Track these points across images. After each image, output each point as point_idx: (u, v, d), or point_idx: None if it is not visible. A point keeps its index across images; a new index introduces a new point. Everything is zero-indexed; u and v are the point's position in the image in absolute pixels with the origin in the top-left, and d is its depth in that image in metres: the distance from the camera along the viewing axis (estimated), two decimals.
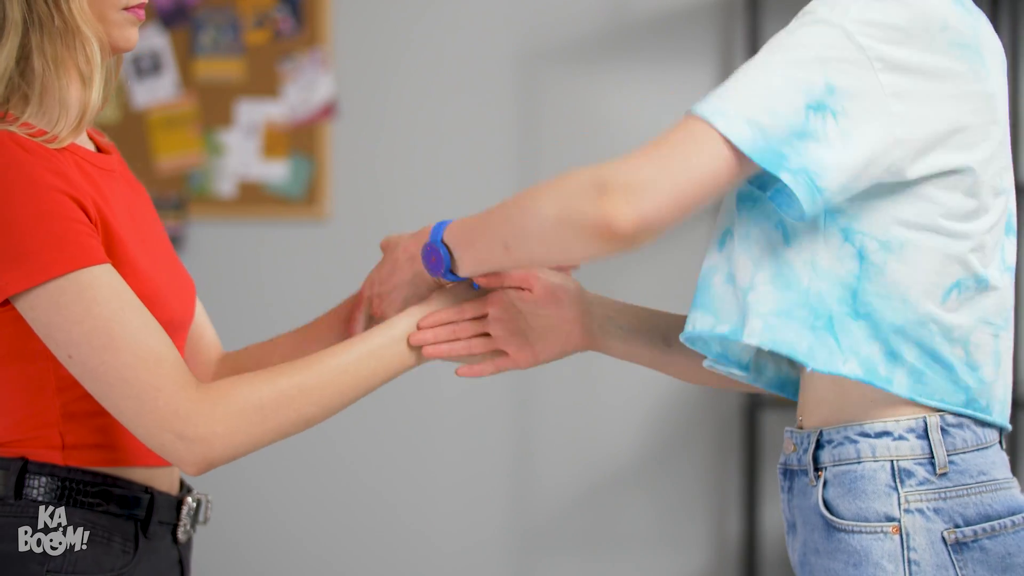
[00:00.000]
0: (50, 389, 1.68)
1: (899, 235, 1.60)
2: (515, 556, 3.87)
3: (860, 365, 1.61)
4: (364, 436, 3.87)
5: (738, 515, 3.81)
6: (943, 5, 1.60)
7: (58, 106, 1.69)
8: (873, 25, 1.55)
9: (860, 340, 1.61)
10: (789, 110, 1.54)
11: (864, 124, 1.55)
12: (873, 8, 1.56)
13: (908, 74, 1.56)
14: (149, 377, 1.62)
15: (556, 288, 1.85)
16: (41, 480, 1.68)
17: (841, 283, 1.61)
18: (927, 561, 1.60)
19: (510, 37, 3.84)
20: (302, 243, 3.89)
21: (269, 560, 3.91)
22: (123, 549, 1.72)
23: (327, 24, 3.86)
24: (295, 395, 1.70)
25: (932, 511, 1.60)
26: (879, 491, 1.61)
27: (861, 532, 1.61)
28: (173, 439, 1.64)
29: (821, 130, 1.54)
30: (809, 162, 1.54)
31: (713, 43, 3.81)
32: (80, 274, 1.61)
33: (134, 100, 3.89)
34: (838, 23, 1.56)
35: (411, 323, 1.81)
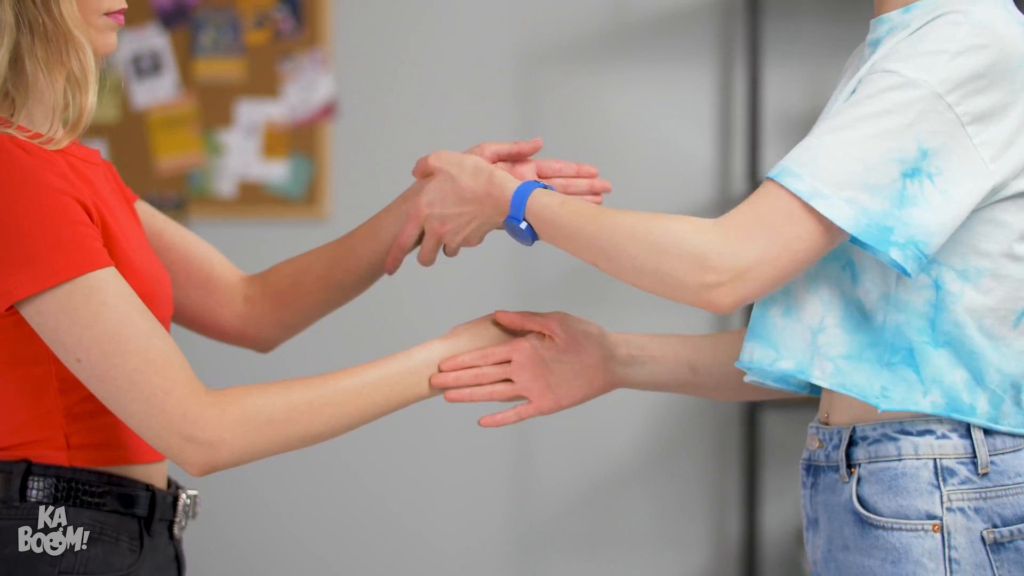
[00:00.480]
0: (52, 391, 1.68)
1: (976, 264, 1.62)
2: (515, 556, 3.87)
3: (943, 395, 1.62)
4: (364, 435, 3.87)
5: (738, 515, 3.81)
6: (1018, 39, 1.60)
7: (51, 110, 1.69)
8: (960, 83, 1.56)
9: (943, 368, 1.63)
10: (887, 182, 1.54)
11: (960, 180, 1.56)
12: (958, 64, 1.56)
13: (995, 120, 1.57)
14: (159, 380, 1.63)
15: (579, 335, 1.85)
16: (46, 482, 1.68)
17: (919, 314, 1.62)
18: (967, 560, 1.61)
19: (510, 37, 3.84)
20: (302, 243, 3.86)
21: (269, 560, 3.91)
22: (130, 548, 1.73)
23: (327, 24, 3.86)
24: (305, 411, 1.71)
25: (973, 510, 1.62)
26: (921, 489, 1.63)
27: (901, 529, 1.62)
28: (181, 441, 1.64)
29: (920, 195, 1.55)
30: (915, 231, 1.55)
31: (713, 43, 3.81)
32: (88, 278, 1.61)
33: (134, 100, 3.89)
34: (925, 85, 1.55)
35: (430, 356, 1.81)
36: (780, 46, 3.76)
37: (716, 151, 3.82)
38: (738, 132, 3.79)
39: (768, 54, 3.73)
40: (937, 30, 1.58)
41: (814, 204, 1.54)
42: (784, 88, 3.76)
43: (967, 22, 1.57)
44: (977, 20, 1.58)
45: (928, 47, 1.57)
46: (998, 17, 1.60)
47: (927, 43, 1.57)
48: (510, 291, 3.81)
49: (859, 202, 1.54)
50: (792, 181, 1.56)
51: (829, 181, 1.55)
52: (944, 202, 1.56)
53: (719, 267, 1.56)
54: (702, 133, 3.81)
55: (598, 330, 1.87)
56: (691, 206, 3.81)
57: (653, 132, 3.82)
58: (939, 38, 1.57)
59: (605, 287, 3.55)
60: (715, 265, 1.56)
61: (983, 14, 1.59)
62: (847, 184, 1.54)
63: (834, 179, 1.55)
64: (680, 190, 3.82)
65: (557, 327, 1.84)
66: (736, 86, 3.80)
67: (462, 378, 1.82)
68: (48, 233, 1.60)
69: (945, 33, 1.57)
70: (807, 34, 3.79)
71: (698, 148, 3.82)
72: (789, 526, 3.81)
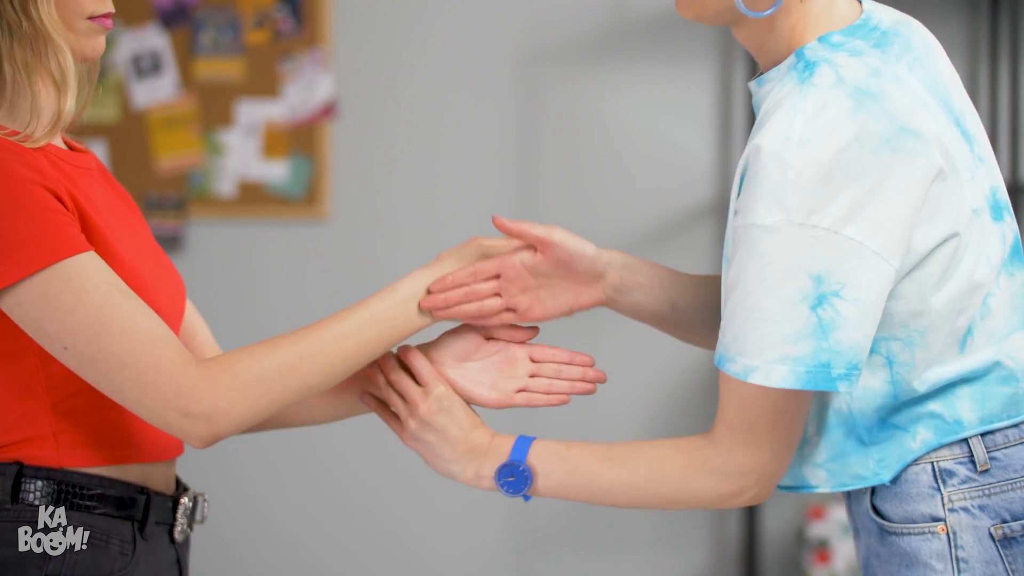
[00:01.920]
0: (40, 388, 1.67)
1: (915, 325, 1.62)
2: (515, 556, 3.87)
3: (927, 428, 1.64)
4: (363, 435, 3.87)
5: (738, 515, 3.81)
6: (845, 122, 1.57)
7: (30, 110, 1.68)
8: (810, 201, 1.54)
9: (916, 411, 1.65)
10: (802, 324, 1.56)
11: (864, 281, 1.56)
12: (797, 186, 1.55)
13: (865, 210, 1.56)
14: (148, 358, 1.62)
15: (571, 255, 1.82)
16: (37, 484, 1.68)
17: (880, 394, 1.65)
18: (975, 558, 1.63)
19: (510, 37, 3.84)
20: (302, 243, 3.89)
21: (269, 561, 3.91)
22: (121, 551, 1.71)
23: (327, 24, 3.86)
24: (296, 363, 1.69)
25: (977, 508, 1.63)
26: (923, 493, 1.65)
27: (910, 534, 1.65)
28: (178, 416, 1.63)
29: (836, 316, 1.56)
30: (848, 355, 1.57)
31: (713, 43, 3.81)
32: (66, 264, 1.60)
33: (134, 100, 3.89)
34: (782, 223, 1.55)
35: (416, 285, 1.79)
36: None
37: (716, 151, 3.82)
38: (738, 132, 3.79)
39: None
40: (767, 167, 1.56)
41: (752, 380, 1.58)
42: None
43: (791, 144, 1.55)
44: (800, 137, 1.55)
45: (764, 185, 1.56)
46: (822, 117, 1.56)
47: (763, 182, 1.56)
48: None
49: (788, 356, 1.57)
50: (729, 366, 1.60)
51: (754, 351, 1.58)
52: (860, 311, 1.56)
53: (748, 485, 1.66)
54: (702, 133, 3.81)
55: (593, 250, 1.84)
56: (691, 206, 3.81)
57: (653, 132, 3.82)
58: (773, 174, 1.55)
59: None
60: (743, 486, 1.66)
61: (803, 128, 1.56)
62: (770, 346, 1.57)
63: (757, 347, 1.58)
64: (680, 190, 3.82)
65: (550, 245, 1.81)
66: (736, 86, 3.80)
67: (451, 298, 1.80)
68: (21, 223, 1.59)
69: (774, 166, 1.55)
70: None
71: (698, 148, 3.82)
72: (789, 526, 3.81)
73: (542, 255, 1.82)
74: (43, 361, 1.67)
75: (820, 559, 3.57)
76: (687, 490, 1.67)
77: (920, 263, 1.60)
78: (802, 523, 3.68)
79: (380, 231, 3.84)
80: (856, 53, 1.62)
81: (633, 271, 1.86)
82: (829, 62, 1.61)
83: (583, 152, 3.82)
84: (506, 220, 1.81)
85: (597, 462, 1.71)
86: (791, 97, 1.59)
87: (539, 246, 1.81)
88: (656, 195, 3.80)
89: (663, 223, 3.79)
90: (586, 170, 3.83)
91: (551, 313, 1.85)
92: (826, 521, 3.59)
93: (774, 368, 1.57)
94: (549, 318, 1.86)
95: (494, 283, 1.82)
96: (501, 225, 1.81)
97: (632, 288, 1.86)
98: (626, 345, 3.77)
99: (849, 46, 1.63)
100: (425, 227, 3.81)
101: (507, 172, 3.85)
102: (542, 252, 1.82)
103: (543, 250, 1.82)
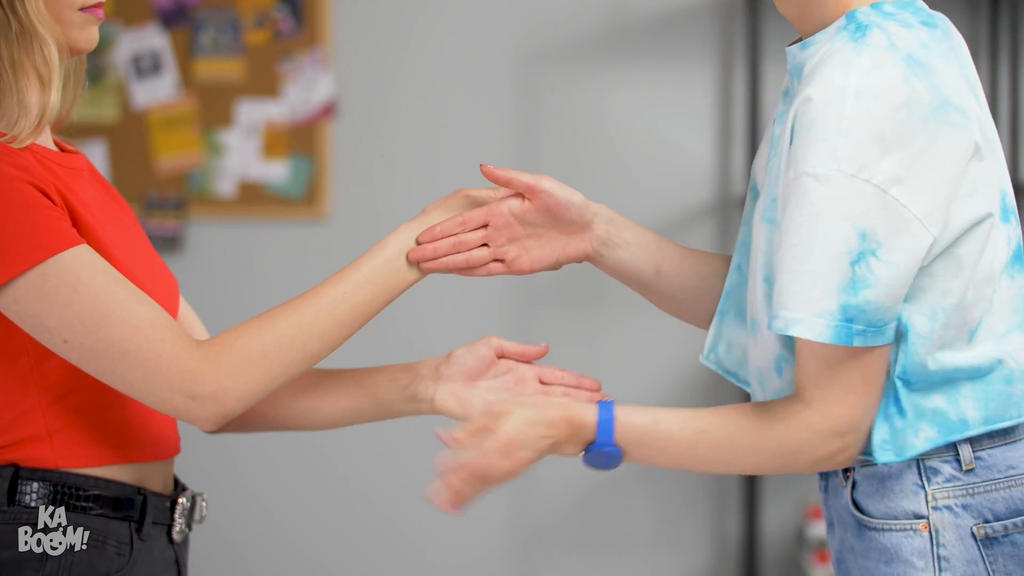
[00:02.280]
0: (35, 388, 1.67)
1: (943, 302, 1.63)
2: (515, 556, 3.87)
3: (931, 425, 1.64)
4: (363, 434, 3.87)
5: (738, 515, 3.81)
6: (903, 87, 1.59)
7: (17, 108, 1.67)
8: (864, 154, 1.56)
9: (922, 402, 1.65)
10: (839, 277, 1.56)
11: (902, 245, 1.57)
12: (853, 137, 1.56)
13: (908, 176, 1.57)
14: (149, 344, 1.62)
15: (559, 203, 1.81)
16: (33, 485, 1.68)
17: (892, 361, 1.64)
18: (957, 557, 1.63)
19: (510, 37, 3.84)
20: (302, 243, 3.89)
21: (268, 560, 3.91)
22: (118, 552, 1.71)
23: (327, 24, 3.86)
24: (296, 334, 1.69)
25: (960, 507, 1.63)
26: (906, 490, 1.65)
27: (891, 530, 1.65)
28: (184, 400, 1.64)
29: (869, 275, 1.56)
30: (871, 314, 1.57)
31: (713, 43, 3.81)
32: (60, 257, 1.60)
33: (134, 100, 3.89)
34: (834, 173, 1.56)
35: (405, 239, 1.78)
36: (780, 46, 3.75)
37: (716, 151, 3.82)
38: (738, 132, 3.79)
39: (768, 54, 3.73)
40: (821, 115, 1.57)
41: (793, 332, 1.58)
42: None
43: (847, 95, 1.56)
44: (855, 88, 1.57)
45: (819, 135, 1.56)
46: (876, 74, 1.58)
47: (817, 131, 1.56)
48: (510, 289, 3.81)
49: (829, 310, 1.57)
50: (774, 323, 1.60)
51: (796, 304, 1.58)
52: (892, 274, 1.57)
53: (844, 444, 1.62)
54: (702, 133, 3.81)
55: (580, 200, 1.83)
56: (691, 206, 3.81)
57: (653, 132, 3.82)
58: (826, 123, 1.56)
59: (603, 286, 3.55)
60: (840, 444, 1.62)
61: (858, 81, 1.57)
62: (815, 298, 1.57)
63: (800, 299, 1.58)
64: (680, 190, 3.82)
65: (539, 192, 1.80)
66: (736, 86, 3.80)
67: (440, 248, 1.79)
68: (11, 221, 1.59)
69: (829, 115, 1.56)
70: None
71: (698, 148, 3.82)
72: (789, 526, 3.81)
73: (530, 203, 1.81)
74: (38, 360, 1.66)
75: (820, 559, 3.57)
76: (785, 459, 1.64)
77: (957, 240, 1.61)
78: (802, 523, 3.68)
79: (380, 231, 3.82)
80: (906, 25, 1.64)
81: (619, 227, 1.85)
82: (881, 27, 1.62)
83: (583, 152, 3.82)
84: (494, 167, 1.80)
85: (690, 436, 1.66)
86: (843, 52, 1.60)
87: (527, 193, 1.80)
88: (656, 195, 3.80)
89: (663, 223, 3.78)
90: (586, 170, 3.83)
91: (538, 264, 1.84)
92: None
93: (816, 321, 1.57)
94: (536, 270, 1.84)
95: (482, 233, 1.81)
96: (489, 172, 1.80)
97: (618, 244, 1.84)
98: (627, 345, 3.78)
99: (900, 17, 1.64)
100: None
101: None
102: (530, 199, 1.81)
103: (531, 197, 1.81)
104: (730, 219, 3.80)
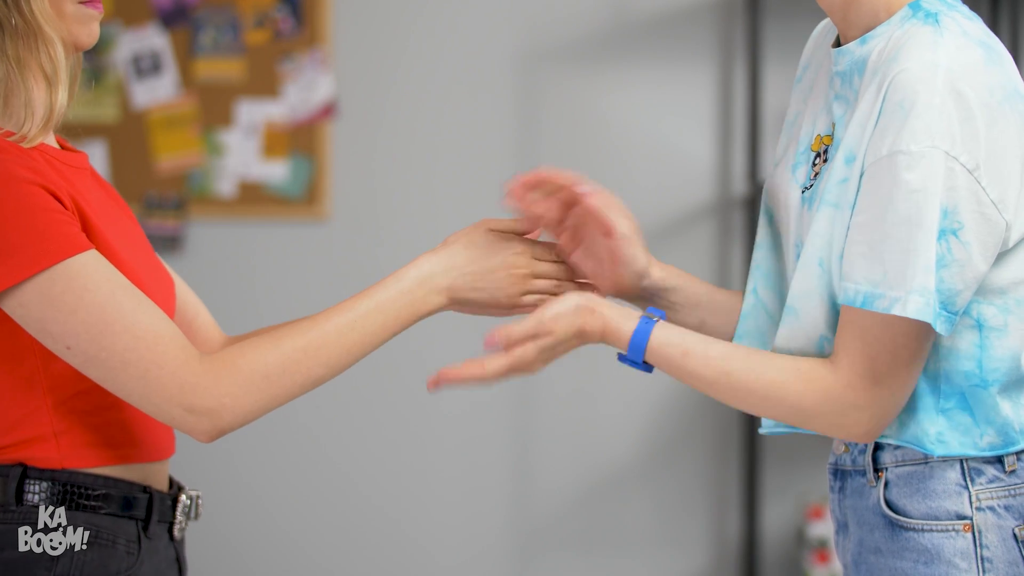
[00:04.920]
0: (41, 388, 1.67)
1: (1015, 294, 1.63)
2: (515, 556, 3.87)
3: (997, 434, 1.64)
4: (362, 434, 3.87)
5: (738, 515, 3.81)
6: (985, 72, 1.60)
7: (24, 107, 1.67)
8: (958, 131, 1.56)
9: (994, 406, 1.64)
10: (930, 255, 1.56)
11: (980, 229, 1.57)
12: (947, 115, 1.56)
13: (995, 160, 1.57)
14: (151, 355, 1.62)
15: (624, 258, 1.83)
16: (41, 485, 1.68)
17: (967, 356, 1.64)
18: (1000, 558, 1.63)
19: (510, 37, 3.84)
20: (302, 243, 3.89)
21: (269, 562, 3.91)
22: (127, 551, 1.72)
23: (327, 24, 3.86)
24: (300, 358, 1.68)
25: (1003, 508, 1.63)
26: (949, 490, 1.64)
27: (932, 531, 1.64)
28: (183, 413, 1.64)
29: (948, 254, 1.57)
30: (946, 296, 1.57)
31: (713, 43, 3.81)
32: (68, 264, 1.60)
33: (134, 100, 3.89)
34: (931, 150, 1.55)
35: (421, 273, 1.76)
36: (780, 46, 3.76)
37: (716, 151, 3.82)
38: (738, 132, 3.79)
39: (768, 54, 3.73)
40: (913, 91, 1.57)
41: (893, 311, 1.57)
42: (784, 88, 3.76)
43: (938, 71, 1.57)
44: (946, 66, 1.57)
45: (916, 112, 1.56)
46: (962, 55, 1.59)
47: (912, 109, 1.56)
48: None
49: (925, 287, 1.56)
50: (879, 303, 1.58)
51: (897, 282, 1.57)
52: (969, 256, 1.57)
53: (861, 420, 1.62)
54: (702, 133, 3.81)
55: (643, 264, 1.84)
56: (691, 206, 3.81)
57: (653, 132, 3.82)
58: (920, 99, 1.56)
59: None
60: (858, 419, 1.62)
61: (948, 58, 1.58)
62: (911, 275, 1.56)
63: (901, 277, 1.57)
64: (680, 190, 3.82)
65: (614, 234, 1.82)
66: (736, 86, 3.80)
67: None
68: (22, 223, 1.59)
69: (922, 92, 1.56)
70: (807, 34, 3.78)
71: (698, 148, 3.82)
72: (789, 526, 3.81)
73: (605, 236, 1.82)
74: (44, 362, 1.66)
75: (820, 559, 3.57)
76: (800, 416, 1.65)
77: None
78: (802, 523, 3.68)
79: (380, 231, 3.84)
80: (970, 17, 1.65)
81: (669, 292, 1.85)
82: (950, 16, 1.63)
83: (583, 152, 3.82)
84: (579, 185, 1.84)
85: (712, 375, 1.68)
86: (925, 34, 1.60)
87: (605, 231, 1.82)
88: (656, 195, 3.80)
89: (663, 223, 3.79)
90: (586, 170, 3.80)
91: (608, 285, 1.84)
92: (826, 521, 3.58)
93: (911, 298, 1.56)
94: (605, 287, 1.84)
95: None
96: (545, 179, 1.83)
97: (665, 307, 1.85)
98: None
99: (962, 9, 1.66)
100: (425, 227, 3.81)
101: (507, 172, 3.84)
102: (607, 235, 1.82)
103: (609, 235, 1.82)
104: (730, 219, 3.80)
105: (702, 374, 1.68)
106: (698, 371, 1.68)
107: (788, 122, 1.84)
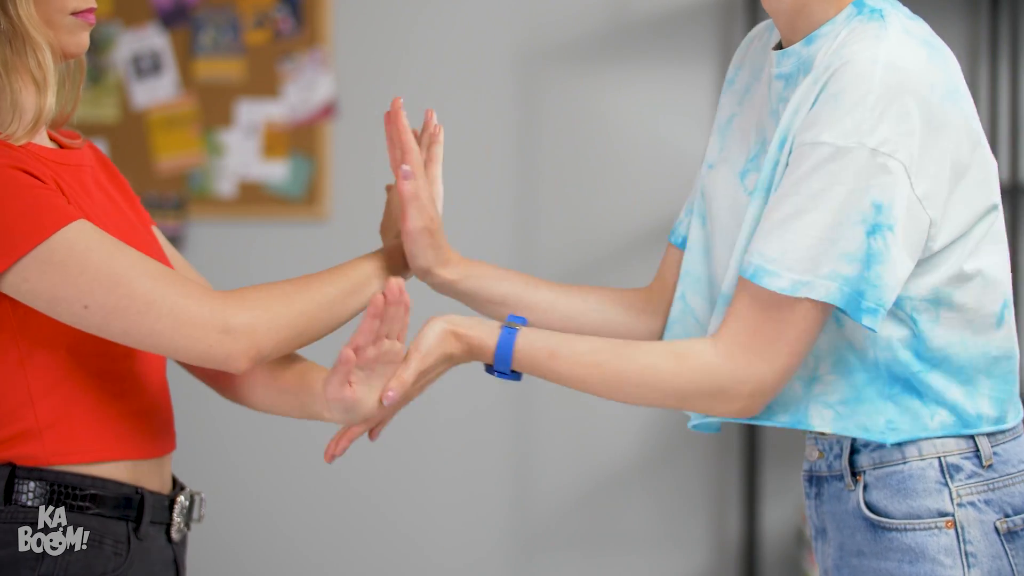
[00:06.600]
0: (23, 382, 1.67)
1: (946, 288, 1.63)
2: (515, 556, 3.87)
3: (950, 413, 1.64)
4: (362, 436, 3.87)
5: (738, 515, 3.81)
6: (926, 70, 1.60)
7: (11, 109, 1.68)
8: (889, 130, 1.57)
9: (941, 388, 1.64)
10: (855, 246, 1.56)
11: (909, 228, 1.58)
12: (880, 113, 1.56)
13: (922, 156, 1.58)
14: (174, 289, 1.64)
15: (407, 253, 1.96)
16: (30, 485, 1.67)
17: (904, 345, 1.64)
18: (983, 552, 1.63)
19: (510, 37, 3.84)
20: (302, 243, 3.89)
21: (267, 561, 3.91)
22: (115, 551, 1.71)
23: (327, 24, 3.86)
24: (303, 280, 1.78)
25: (983, 503, 1.64)
26: (929, 488, 1.64)
27: (915, 529, 1.64)
28: (220, 336, 1.65)
29: (884, 251, 1.57)
30: (880, 293, 1.57)
31: (713, 43, 3.81)
32: (63, 232, 1.61)
33: (134, 100, 3.89)
34: (858, 146, 1.56)
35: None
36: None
37: None
38: None
39: None
40: (851, 86, 1.57)
41: (800, 294, 1.57)
42: None
43: (877, 67, 1.58)
44: (885, 61, 1.58)
45: (847, 106, 1.57)
46: (903, 51, 1.60)
47: (845, 102, 1.57)
48: None
49: (838, 272, 1.57)
50: (771, 280, 1.58)
51: (804, 267, 1.57)
52: (900, 253, 1.58)
53: (740, 393, 1.62)
54: (702, 134, 3.81)
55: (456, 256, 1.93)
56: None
57: (653, 132, 3.82)
58: (855, 94, 1.57)
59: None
60: (736, 393, 1.62)
61: (888, 54, 1.59)
62: (822, 261, 1.57)
63: (808, 262, 1.57)
64: (680, 190, 3.81)
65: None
66: None
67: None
68: (9, 204, 1.60)
69: (859, 87, 1.57)
70: None
71: (698, 148, 3.82)
72: (789, 526, 3.81)
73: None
74: (27, 355, 1.66)
75: None
76: (677, 396, 1.64)
77: (967, 232, 1.62)
78: (802, 523, 3.68)
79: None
80: (912, 17, 1.67)
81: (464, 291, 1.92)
82: (894, 14, 1.64)
83: (583, 152, 3.82)
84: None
85: (582, 372, 1.68)
86: (869, 29, 1.61)
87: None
88: (656, 195, 3.80)
89: (663, 223, 3.78)
90: (586, 170, 3.83)
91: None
92: None
93: (825, 283, 1.57)
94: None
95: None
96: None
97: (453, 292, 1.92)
98: None
99: (903, 10, 1.67)
100: None
101: (507, 172, 3.85)
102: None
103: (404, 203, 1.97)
104: None
105: (572, 372, 1.68)
106: (568, 370, 1.68)
107: (720, 124, 1.84)
